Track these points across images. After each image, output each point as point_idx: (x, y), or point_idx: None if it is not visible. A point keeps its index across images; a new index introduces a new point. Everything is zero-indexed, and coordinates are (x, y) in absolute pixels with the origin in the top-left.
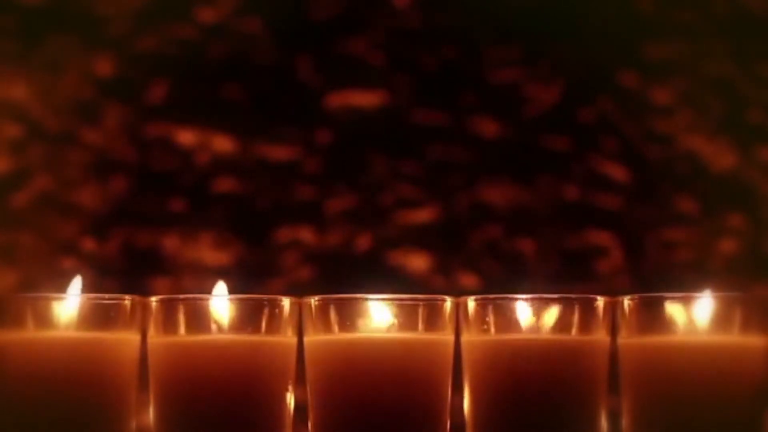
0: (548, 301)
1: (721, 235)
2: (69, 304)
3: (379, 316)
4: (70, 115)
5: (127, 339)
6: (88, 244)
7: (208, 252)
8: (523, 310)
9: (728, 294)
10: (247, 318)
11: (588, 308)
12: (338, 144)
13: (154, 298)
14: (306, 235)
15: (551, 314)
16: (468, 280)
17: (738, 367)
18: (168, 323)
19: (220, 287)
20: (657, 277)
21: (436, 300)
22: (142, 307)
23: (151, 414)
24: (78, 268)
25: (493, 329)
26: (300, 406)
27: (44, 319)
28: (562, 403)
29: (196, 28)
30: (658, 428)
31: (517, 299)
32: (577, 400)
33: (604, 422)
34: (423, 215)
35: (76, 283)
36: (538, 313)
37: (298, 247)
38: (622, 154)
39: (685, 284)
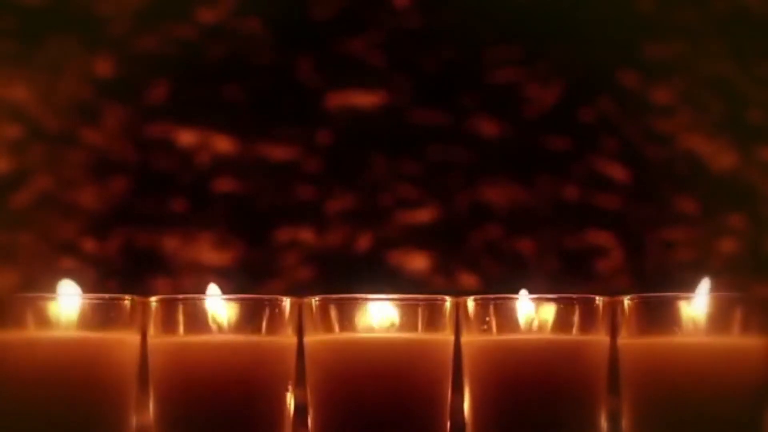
0: (548, 301)
1: (721, 235)
2: (69, 304)
3: (379, 316)
4: (70, 115)
5: (127, 339)
6: (88, 244)
7: (208, 252)
8: (523, 310)
9: (728, 294)
10: (247, 318)
11: (588, 308)
12: (338, 144)
13: (154, 298)
14: (306, 235)
15: (551, 314)
16: (468, 280)
17: (738, 367)
18: (168, 323)
19: (212, 290)
20: (657, 277)
21: (436, 300)
22: (142, 307)
23: (151, 414)
24: (78, 268)
25: (493, 329)
26: (300, 406)
27: (44, 319)
28: (562, 403)
29: (196, 28)
30: (658, 428)
31: (517, 299)
32: (577, 400)
33: (604, 422)
34: (423, 215)
35: (66, 287)
36: (538, 313)
37: (298, 247)
38: (622, 154)
39: (685, 284)
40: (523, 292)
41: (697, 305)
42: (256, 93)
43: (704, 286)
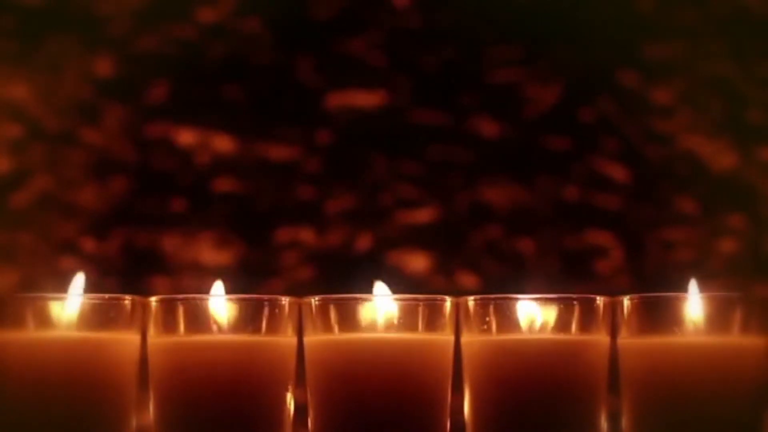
0: (548, 301)
1: (721, 235)
2: (69, 304)
3: (379, 316)
4: (70, 115)
5: (127, 339)
6: (88, 244)
7: (208, 252)
8: (523, 310)
9: (728, 294)
10: (247, 318)
11: (588, 308)
12: (338, 144)
13: (154, 298)
14: (306, 235)
15: (551, 314)
16: (468, 280)
17: (738, 367)
18: (168, 323)
19: (218, 287)
20: (657, 277)
21: (436, 300)
22: (142, 307)
23: (151, 414)
24: (78, 268)
25: (493, 329)
26: (300, 406)
27: (44, 319)
28: (562, 403)
29: (196, 28)
30: (658, 428)
31: (517, 299)
32: (577, 400)
33: (604, 422)
34: (423, 215)
35: (78, 281)
36: (538, 313)
37: (298, 247)
38: (622, 154)
39: (685, 284)
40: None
41: (697, 305)
42: (256, 93)
43: (692, 287)
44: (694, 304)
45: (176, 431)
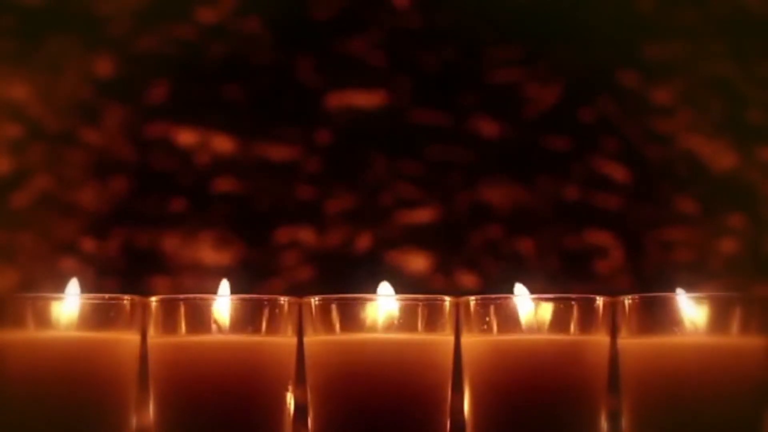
0: (548, 301)
1: (721, 235)
2: (69, 304)
3: (379, 316)
4: (70, 115)
5: (127, 339)
6: (88, 244)
7: (208, 252)
8: (523, 310)
9: (728, 294)
10: (247, 318)
11: (588, 308)
12: (338, 144)
13: (154, 298)
14: (306, 235)
15: (551, 314)
16: (468, 280)
17: (738, 367)
18: (168, 323)
19: (224, 286)
20: (657, 277)
21: (436, 300)
22: (142, 307)
23: (151, 413)
24: (78, 268)
25: (493, 329)
26: (300, 406)
27: (44, 319)
28: (562, 403)
29: (196, 28)
30: (658, 428)
31: (517, 299)
32: (577, 400)
33: (604, 422)
34: (423, 215)
35: (73, 286)
36: (538, 313)
37: (298, 247)
38: (622, 154)
39: (685, 284)
40: (519, 287)
41: (697, 305)
42: (256, 93)
43: (680, 294)
44: (693, 304)
45: (176, 431)
